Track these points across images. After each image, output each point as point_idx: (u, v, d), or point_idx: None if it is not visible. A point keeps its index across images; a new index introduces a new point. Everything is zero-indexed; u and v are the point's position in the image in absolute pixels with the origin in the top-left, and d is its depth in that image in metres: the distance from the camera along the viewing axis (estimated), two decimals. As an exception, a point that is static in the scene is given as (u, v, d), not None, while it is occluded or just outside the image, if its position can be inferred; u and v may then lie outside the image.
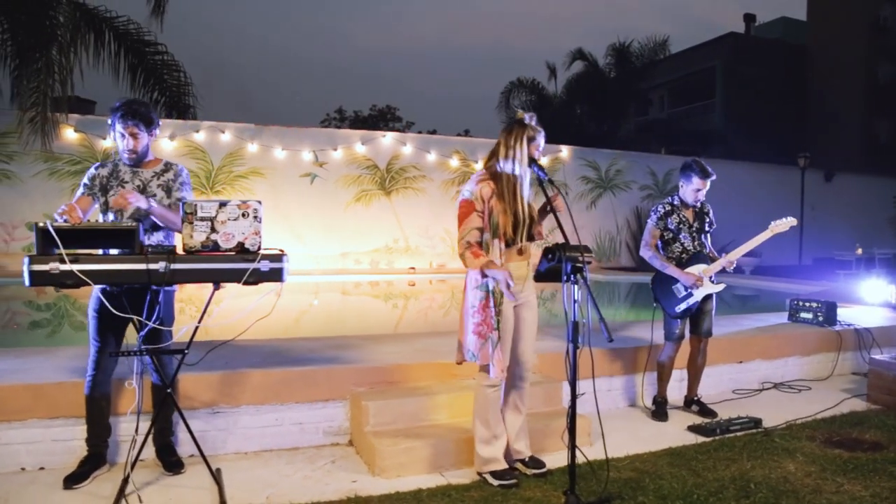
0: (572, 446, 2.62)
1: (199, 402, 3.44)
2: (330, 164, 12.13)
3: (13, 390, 3.21)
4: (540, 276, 2.73)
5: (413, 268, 12.20)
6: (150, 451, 3.25)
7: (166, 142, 11.00)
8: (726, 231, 4.08)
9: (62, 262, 2.57)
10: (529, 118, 2.98)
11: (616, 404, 4.37)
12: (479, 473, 3.07)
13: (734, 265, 4.04)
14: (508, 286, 2.79)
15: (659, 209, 4.11)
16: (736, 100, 23.69)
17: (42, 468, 3.19)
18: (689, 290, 3.98)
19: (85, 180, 3.13)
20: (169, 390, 2.92)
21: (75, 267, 2.58)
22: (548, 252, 2.65)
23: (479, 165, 12.80)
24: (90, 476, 3.03)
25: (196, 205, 2.72)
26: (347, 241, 12.24)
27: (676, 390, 4.42)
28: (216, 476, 2.94)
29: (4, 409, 3.18)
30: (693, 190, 4.00)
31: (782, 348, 5.15)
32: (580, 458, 2.80)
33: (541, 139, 2.97)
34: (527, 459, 3.15)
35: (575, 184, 13.73)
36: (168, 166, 3.21)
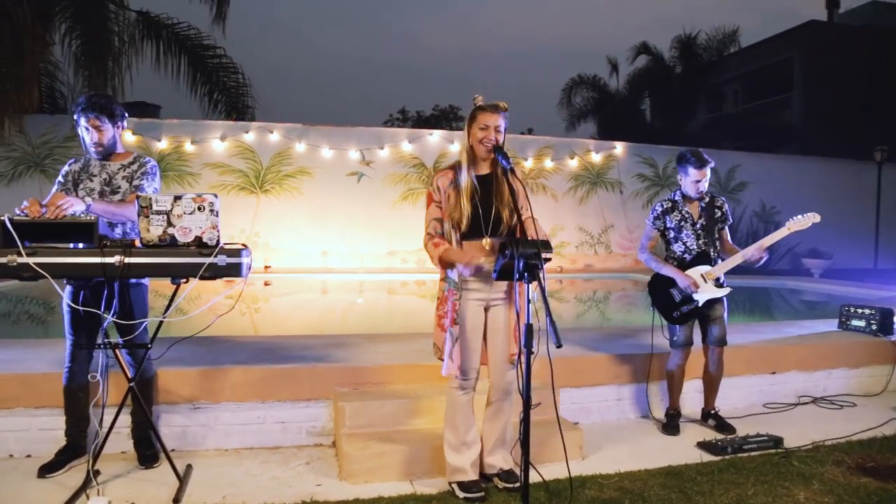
0: (525, 463, 2.40)
1: (178, 396, 3.43)
2: (377, 162, 12.16)
3: (1, 380, 3.29)
4: (498, 276, 2.53)
5: (458, 267, 12.04)
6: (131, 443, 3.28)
7: (217, 142, 11.33)
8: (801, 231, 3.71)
9: (20, 255, 2.59)
10: (481, 100, 2.81)
11: (626, 415, 4.08)
12: (449, 483, 2.90)
13: (720, 275, 3.68)
14: (472, 268, 2.67)
15: (656, 208, 3.82)
16: (816, 93, 22.11)
17: (29, 455, 3.26)
18: (686, 293, 3.66)
19: (59, 177, 3.16)
20: (132, 384, 2.90)
21: (31, 260, 2.59)
22: (503, 248, 2.45)
23: (528, 163, 12.53)
24: (66, 465, 3.07)
25: (151, 198, 2.68)
26: (394, 239, 12.23)
27: (698, 401, 4.08)
28: (178, 473, 2.90)
29: (-7, 398, 3.27)
30: (692, 182, 3.69)
31: (825, 359, 4.67)
32: (536, 477, 2.59)
33: (492, 120, 2.75)
34: (501, 472, 2.95)
35: (630, 182, 13.17)
36: (136, 159, 3.21)
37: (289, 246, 11.85)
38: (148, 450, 3.22)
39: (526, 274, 2.27)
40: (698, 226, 3.73)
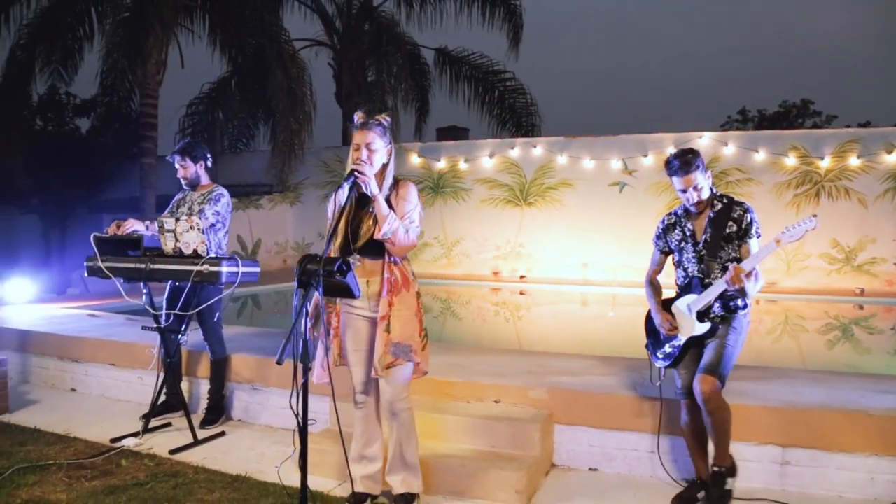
0: (303, 485, 2.45)
1: (242, 377, 4.28)
2: (640, 171, 11.59)
3: (140, 348, 4.61)
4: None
5: (725, 285, 10.62)
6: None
7: (486, 160, 12.34)
8: None
9: (97, 260, 3.73)
10: (356, 116, 2.80)
11: (664, 474, 3.39)
12: (353, 489, 3.02)
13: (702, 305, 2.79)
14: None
15: (659, 225, 3.12)
16: None
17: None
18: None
19: (171, 204, 4.29)
20: (170, 361, 3.83)
21: (102, 264, 3.71)
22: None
23: (825, 163, 10.31)
24: (159, 416, 4.16)
25: (163, 221, 3.55)
26: (658, 252, 11.48)
27: (767, 473, 3.18)
28: (194, 434, 3.73)
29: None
30: (679, 192, 2.93)
31: None
32: None
33: (361, 138, 2.74)
34: (394, 496, 2.93)
35: None
36: (211, 189, 4.12)
37: (550, 257, 12.17)
38: (210, 415, 4.14)
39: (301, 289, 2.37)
40: (700, 244, 2.96)
